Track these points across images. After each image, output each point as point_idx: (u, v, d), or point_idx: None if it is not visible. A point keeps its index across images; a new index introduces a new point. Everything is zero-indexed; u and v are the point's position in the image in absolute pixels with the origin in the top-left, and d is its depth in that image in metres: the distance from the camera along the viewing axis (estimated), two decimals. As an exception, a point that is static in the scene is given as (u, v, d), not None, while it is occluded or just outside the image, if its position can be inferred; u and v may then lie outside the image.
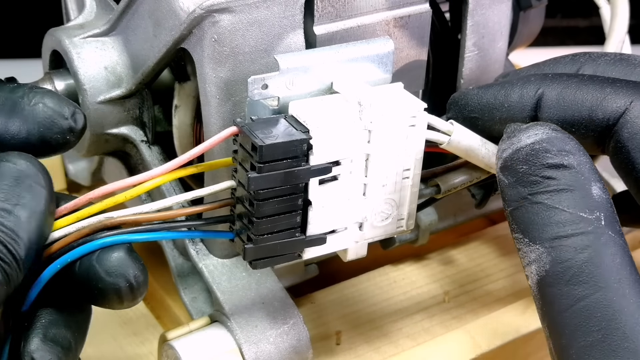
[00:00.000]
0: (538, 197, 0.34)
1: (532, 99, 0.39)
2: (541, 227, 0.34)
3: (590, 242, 0.33)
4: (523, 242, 0.34)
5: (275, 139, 0.34)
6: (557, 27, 0.92)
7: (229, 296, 0.44)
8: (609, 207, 0.34)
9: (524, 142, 0.35)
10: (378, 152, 0.37)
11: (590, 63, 0.42)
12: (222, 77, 0.40)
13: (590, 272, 0.32)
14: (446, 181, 0.42)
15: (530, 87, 0.39)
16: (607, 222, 0.33)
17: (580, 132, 0.38)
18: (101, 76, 0.45)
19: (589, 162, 0.35)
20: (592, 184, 0.34)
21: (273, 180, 0.35)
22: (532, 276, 0.34)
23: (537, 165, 0.34)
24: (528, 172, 0.35)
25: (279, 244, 0.37)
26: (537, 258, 0.34)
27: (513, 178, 0.35)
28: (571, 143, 0.35)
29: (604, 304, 0.32)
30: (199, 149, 0.36)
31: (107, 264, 0.34)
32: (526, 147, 0.35)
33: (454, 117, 0.41)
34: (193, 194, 0.36)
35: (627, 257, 0.33)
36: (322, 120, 0.36)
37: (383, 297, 0.50)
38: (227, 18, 0.39)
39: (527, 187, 0.35)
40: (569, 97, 0.38)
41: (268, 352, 0.42)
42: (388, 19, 0.43)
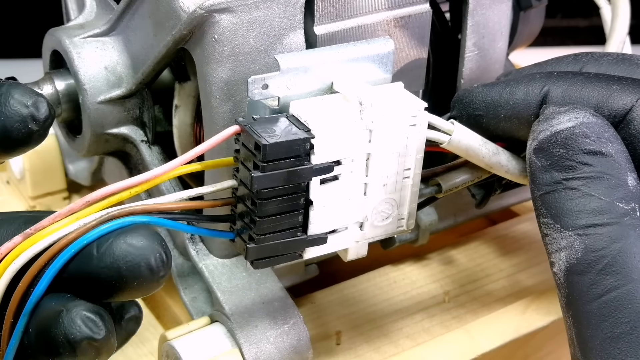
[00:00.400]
0: (573, 183, 0.33)
1: (538, 97, 0.38)
2: (575, 213, 0.33)
3: (626, 232, 0.32)
4: (553, 228, 0.34)
5: (278, 138, 0.34)
6: (557, 27, 0.92)
7: (229, 296, 0.44)
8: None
9: (564, 124, 0.35)
10: (379, 152, 0.37)
11: (593, 62, 0.41)
12: (222, 77, 0.40)
13: (624, 262, 0.32)
14: (447, 180, 0.42)
15: (536, 84, 0.39)
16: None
17: None
18: (101, 76, 0.45)
19: (625, 152, 0.34)
20: (628, 173, 0.33)
21: (276, 179, 0.35)
22: (561, 263, 0.33)
23: (575, 150, 0.34)
24: (565, 156, 0.34)
25: (281, 244, 0.37)
26: (568, 245, 0.33)
27: (547, 161, 0.34)
28: (609, 130, 0.34)
29: (635, 296, 0.31)
30: (202, 147, 0.36)
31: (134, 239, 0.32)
32: (566, 130, 0.34)
33: (458, 114, 0.41)
34: (194, 191, 0.36)
35: None
36: (324, 119, 0.36)
37: (383, 297, 0.50)
38: (227, 18, 0.39)
39: (562, 171, 0.34)
40: (575, 94, 0.37)
41: (268, 352, 0.42)
42: (388, 19, 0.43)
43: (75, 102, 0.46)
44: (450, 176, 0.42)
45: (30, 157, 0.55)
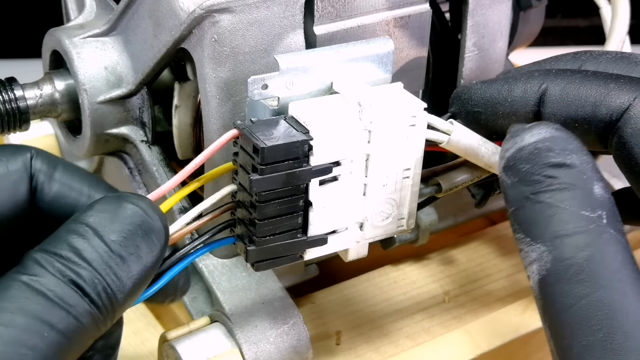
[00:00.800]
0: (540, 197, 0.34)
1: (536, 94, 0.39)
2: (543, 226, 0.33)
3: (592, 240, 0.32)
4: (525, 242, 0.34)
5: (277, 141, 0.34)
6: (557, 27, 0.92)
7: (229, 296, 0.44)
8: (611, 206, 0.33)
9: (526, 141, 0.35)
10: (378, 152, 0.37)
11: (592, 61, 0.42)
12: (222, 77, 0.40)
13: (592, 270, 0.32)
14: (447, 180, 0.42)
15: (534, 82, 0.39)
16: (609, 221, 0.33)
17: (584, 128, 0.38)
18: (101, 76, 0.45)
19: (592, 162, 0.34)
20: (594, 182, 0.34)
21: (275, 181, 0.35)
22: (534, 275, 0.34)
23: (539, 165, 0.34)
24: (530, 171, 0.34)
25: (281, 246, 0.37)
26: (538, 257, 0.33)
27: (515, 178, 0.35)
28: (574, 142, 0.35)
29: (605, 303, 0.31)
30: (204, 155, 0.36)
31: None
32: (529, 146, 0.35)
33: (457, 111, 0.42)
34: (198, 209, 0.36)
35: (629, 255, 0.33)
36: (322, 120, 0.36)
37: (383, 297, 0.50)
38: (227, 18, 0.39)
39: (529, 186, 0.34)
40: (573, 92, 0.38)
41: (268, 352, 0.42)
42: (388, 19, 0.43)
43: (75, 102, 0.46)
44: (450, 176, 0.42)
45: (30, 157, 0.55)
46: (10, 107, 0.44)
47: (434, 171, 0.42)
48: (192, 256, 0.37)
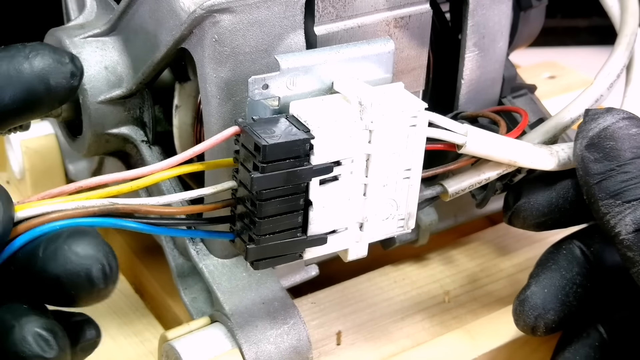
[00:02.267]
0: (625, 167, 0.39)
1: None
2: (633, 188, 0.39)
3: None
4: (615, 205, 0.39)
5: (278, 139, 0.34)
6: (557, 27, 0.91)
7: (229, 296, 0.44)
8: None
9: (609, 120, 0.40)
10: (379, 152, 0.37)
11: None
12: (222, 77, 0.40)
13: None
14: (453, 185, 0.42)
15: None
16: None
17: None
18: (101, 76, 0.45)
19: None
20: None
21: (275, 180, 0.35)
22: (628, 227, 0.38)
23: (622, 141, 0.40)
24: (615, 147, 0.40)
25: (281, 244, 0.37)
26: (632, 211, 0.38)
27: (600, 154, 0.40)
28: None
29: None
30: (201, 146, 0.36)
31: (78, 246, 0.31)
32: (612, 125, 0.40)
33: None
34: (194, 192, 0.36)
35: None
36: (323, 120, 0.36)
37: (383, 297, 0.50)
38: (227, 18, 0.39)
39: (613, 160, 0.39)
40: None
41: (268, 352, 0.42)
42: (388, 19, 0.43)
43: (75, 102, 0.46)
44: (457, 180, 0.42)
45: (30, 157, 0.55)
46: (10, 107, 0.44)
47: (436, 173, 0.42)
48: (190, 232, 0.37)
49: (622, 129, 0.40)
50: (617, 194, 0.39)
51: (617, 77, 0.45)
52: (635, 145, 0.39)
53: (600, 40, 0.92)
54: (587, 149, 0.40)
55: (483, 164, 0.43)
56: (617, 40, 0.47)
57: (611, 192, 0.39)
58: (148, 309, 0.51)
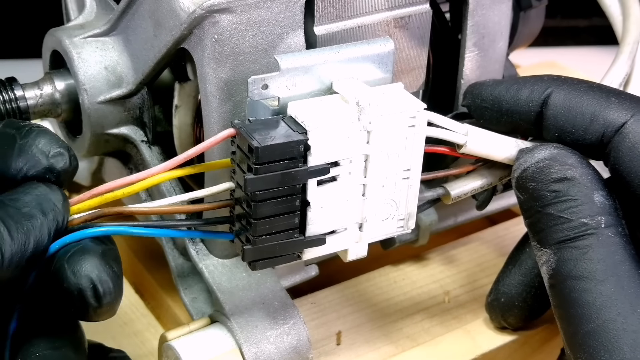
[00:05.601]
0: (547, 209, 0.38)
1: (541, 96, 0.41)
2: (550, 234, 0.38)
3: (590, 242, 0.37)
4: (537, 248, 0.39)
5: (272, 140, 0.34)
6: (557, 27, 0.91)
7: (229, 296, 0.44)
8: (611, 211, 0.38)
9: (529, 161, 0.39)
10: (377, 153, 0.37)
11: None
12: (222, 77, 0.40)
13: (590, 268, 0.37)
14: (456, 188, 0.42)
15: (541, 84, 0.41)
16: (607, 225, 0.37)
17: (579, 135, 0.40)
18: (101, 76, 0.45)
19: (591, 173, 0.38)
20: (595, 192, 0.38)
21: (270, 181, 0.35)
22: (544, 275, 0.39)
23: (543, 181, 0.39)
24: (537, 188, 0.39)
25: (278, 245, 0.37)
26: (547, 260, 0.38)
27: (526, 194, 0.39)
28: (574, 157, 0.39)
29: (602, 295, 0.36)
30: (198, 148, 0.36)
31: (74, 264, 0.33)
32: (532, 166, 0.39)
33: (468, 105, 0.44)
34: (193, 194, 0.36)
35: (626, 253, 0.37)
36: (321, 121, 0.36)
37: (383, 297, 0.50)
38: (227, 18, 0.39)
39: (537, 200, 0.39)
40: (575, 99, 0.40)
41: (268, 352, 0.42)
42: (388, 20, 0.43)
43: (75, 102, 0.46)
44: (460, 183, 0.43)
45: (30, 157, 0.55)
46: (10, 107, 0.44)
47: (436, 176, 0.42)
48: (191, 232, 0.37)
49: (542, 168, 0.39)
50: (539, 236, 0.39)
51: (619, 87, 0.46)
52: (557, 183, 0.38)
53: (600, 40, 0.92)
54: (516, 189, 0.40)
55: (485, 169, 0.43)
56: (620, 49, 0.47)
57: (535, 234, 0.39)
58: (148, 309, 0.51)
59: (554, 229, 0.38)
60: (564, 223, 0.38)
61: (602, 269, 0.36)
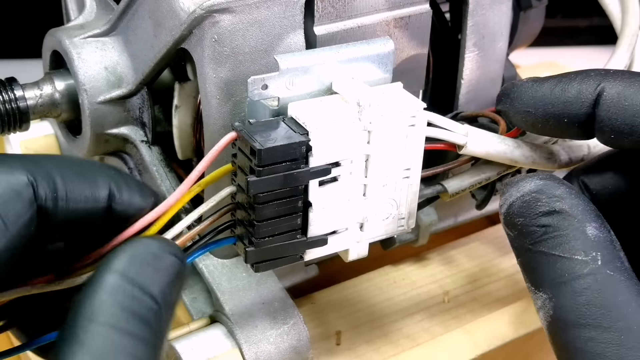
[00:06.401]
0: (538, 246, 0.34)
1: (592, 95, 0.37)
2: (542, 275, 0.34)
3: (588, 284, 0.33)
4: (531, 290, 0.35)
5: (274, 142, 0.34)
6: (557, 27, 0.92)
7: (229, 296, 0.44)
8: (607, 245, 0.34)
9: (515, 195, 0.35)
10: (378, 153, 0.37)
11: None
12: (222, 77, 0.40)
13: (592, 314, 0.32)
14: (454, 185, 0.42)
15: (590, 82, 0.37)
16: (605, 261, 0.33)
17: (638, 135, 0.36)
18: (101, 76, 0.45)
19: (582, 204, 0.35)
20: (586, 224, 0.34)
21: (272, 183, 0.35)
22: (542, 321, 0.34)
23: (531, 216, 0.35)
24: (525, 224, 0.35)
25: (281, 246, 0.37)
26: (542, 305, 0.34)
27: (515, 231, 0.35)
28: (561, 188, 0.35)
29: (612, 344, 0.32)
30: (204, 163, 0.35)
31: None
32: (518, 200, 0.35)
33: (505, 109, 0.40)
34: (198, 212, 0.36)
35: (630, 291, 0.33)
36: (321, 121, 0.36)
37: (383, 297, 0.50)
38: (227, 18, 0.39)
39: (527, 237, 0.35)
40: (631, 95, 0.36)
41: (268, 352, 0.42)
42: (388, 20, 0.43)
43: (75, 103, 0.46)
44: (457, 180, 0.42)
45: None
46: (10, 107, 0.44)
47: (436, 172, 0.42)
48: (193, 256, 0.37)
49: (529, 202, 0.35)
50: (532, 278, 0.35)
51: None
52: (546, 217, 0.34)
53: (600, 40, 0.92)
54: (505, 225, 0.36)
55: (483, 164, 0.43)
56: (618, 42, 0.47)
57: (528, 275, 0.35)
58: (148, 309, 0.51)
59: (547, 269, 0.34)
60: (557, 262, 0.34)
61: (606, 314, 0.32)
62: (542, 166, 0.42)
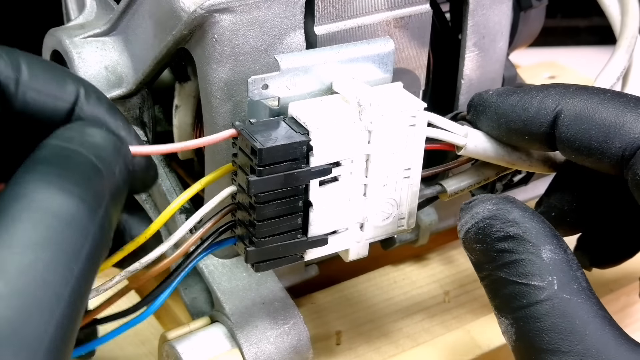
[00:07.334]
0: (497, 272, 0.35)
1: (550, 116, 0.38)
2: (502, 301, 0.34)
3: (546, 310, 0.33)
4: (495, 314, 0.35)
5: (275, 142, 0.34)
6: (557, 27, 0.92)
7: (229, 296, 0.44)
8: (563, 267, 0.34)
9: (470, 223, 0.36)
10: (378, 153, 0.37)
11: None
12: (222, 77, 0.40)
13: (551, 339, 0.33)
14: (452, 184, 0.42)
15: (549, 101, 0.38)
16: (561, 284, 0.33)
17: (597, 157, 0.37)
18: (101, 76, 0.45)
19: (536, 226, 0.35)
20: (541, 247, 0.34)
21: (273, 183, 0.35)
22: (508, 345, 0.35)
23: (487, 242, 0.35)
24: (483, 250, 0.35)
25: (281, 246, 0.37)
26: (505, 330, 0.35)
27: (475, 256, 0.36)
28: (514, 212, 0.35)
29: None
30: (197, 142, 0.35)
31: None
32: (473, 227, 0.35)
33: (472, 120, 0.41)
34: (199, 214, 0.36)
35: (588, 313, 0.33)
36: (322, 121, 0.36)
37: (383, 297, 0.50)
38: (227, 18, 0.39)
39: (487, 263, 0.35)
40: (587, 117, 0.37)
41: (268, 352, 0.42)
42: (388, 19, 0.43)
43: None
44: (456, 180, 0.42)
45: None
46: (10, 107, 0.44)
47: (436, 172, 0.42)
48: (197, 260, 0.37)
49: (483, 229, 0.35)
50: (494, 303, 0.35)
51: (616, 80, 0.45)
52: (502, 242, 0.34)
53: (600, 40, 0.92)
54: (465, 249, 0.36)
55: (483, 164, 0.43)
56: (617, 44, 0.47)
57: (491, 300, 0.35)
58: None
59: (506, 294, 0.34)
60: (515, 288, 0.34)
61: (564, 338, 0.32)
62: (539, 168, 0.42)
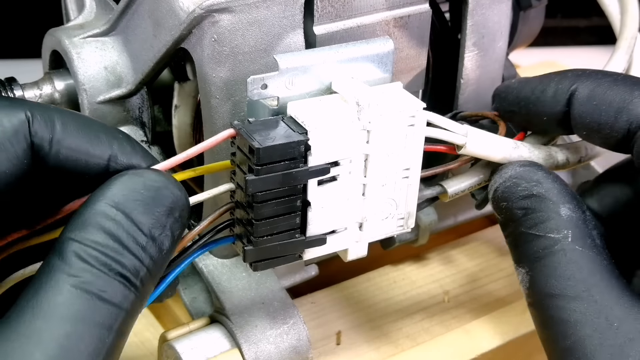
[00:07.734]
0: (519, 227, 0.38)
1: (565, 95, 0.40)
2: (522, 251, 0.38)
3: (559, 259, 0.37)
4: (515, 266, 0.39)
5: (273, 141, 0.34)
6: (557, 27, 0.92)
7: (228, 296, 0.44)
8: (578, 223, 0.37)
9: (498, 181, 0.40)
10: (377, 153, 0.37)
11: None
12: (221, 77, 0.40)
13: (561, 285, 0.36)
14: (453, 185, 0.42)
15: (566, 82, 0.40)
16: (575, 238, 0.37)
17: (606, 132, 0.39)
18: (101, 76, 0.45)
19: (558, 187, 0.38)
20: (561, 206, 0.38)
21: (271, 182, 0.35)
22: (524, 294, 0.38)
23: (512, 200, 0.39)
24: (508, 207, 0.39)
25: (279, 246, 0.37)
26: (522, 279, 0.38)
27: (501, 215, 0.39)
28: (539, 173, 0.39)
29: (576, 312, 0.35)
30: (198, 148, 0.36)
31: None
32: (501, 186, 0.39)
33: (496, 109, 0.43)
34: (194, 199, 0.36)
35: (596, 265, 0.36)
36: (321, 121, 0.36)
37: (383, 297, 0.50)
38: (226, 18, 0.39)
39: (512, 220, 0.39)
40: (599, 95, 0.39)
41: (268, 352, 0.42)
42: (388, 19, 0.43)
43: (74, 102, 0.46)
44: (456, 181, 0.42)
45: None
46: (10, 107, 0.44)
47: (435, 172, 0.42)
48: (193, 256, 0.37)
49: (509, 187, 0.39)
50: (514, 256, 0.39)
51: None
52: (524, 200, 0.38)
53: (600, 40, 0.92)
54: (494, 210, 0.40)
55: (482, 164, 0.43)
56: (617, 44, 0.47)
57: (513, 254, 0.39)
58: (148, 309, 0.51)
59: (526, 246, 0.38)
60: (533, 240, 0.37)
61: (572, 285, 0.36)
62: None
